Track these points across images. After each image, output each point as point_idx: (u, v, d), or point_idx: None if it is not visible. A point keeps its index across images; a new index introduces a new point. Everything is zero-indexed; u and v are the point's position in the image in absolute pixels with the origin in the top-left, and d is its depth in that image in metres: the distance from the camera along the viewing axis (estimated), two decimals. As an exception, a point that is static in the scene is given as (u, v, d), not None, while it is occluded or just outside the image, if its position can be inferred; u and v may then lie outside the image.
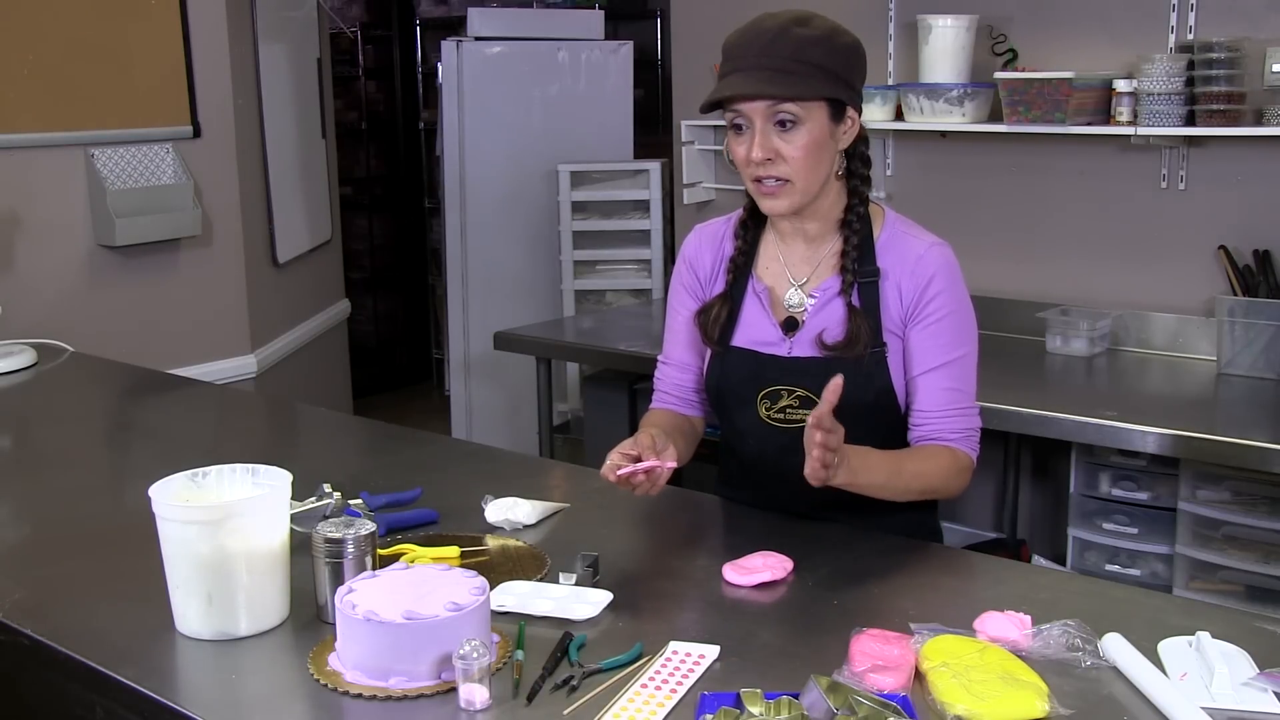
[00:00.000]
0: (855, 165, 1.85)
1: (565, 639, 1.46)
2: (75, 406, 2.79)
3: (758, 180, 1.79)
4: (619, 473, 1.68)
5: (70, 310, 3.52)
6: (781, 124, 1.74)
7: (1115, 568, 2.96)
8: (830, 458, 1.60)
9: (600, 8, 5.78)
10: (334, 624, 1.44)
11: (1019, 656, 1.40)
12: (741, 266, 1.92)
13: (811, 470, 1.60)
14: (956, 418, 1.83)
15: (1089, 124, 3.26)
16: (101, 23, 3.58)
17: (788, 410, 1.86)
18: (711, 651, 1.44)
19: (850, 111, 1.80)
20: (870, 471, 1.72)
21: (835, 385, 1.58)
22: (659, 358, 2.05)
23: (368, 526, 1.55)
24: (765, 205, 1.82)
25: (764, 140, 1.75)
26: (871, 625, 1.46)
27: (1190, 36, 3.18)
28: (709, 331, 1.92)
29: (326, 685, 1.37)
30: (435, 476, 2.08)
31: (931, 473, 1.81)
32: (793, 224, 1.88)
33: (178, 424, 2.65)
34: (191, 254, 3.85)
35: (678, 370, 2.01)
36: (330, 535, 1.52)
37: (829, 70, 1.74)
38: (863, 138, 1.86)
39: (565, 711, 1.32)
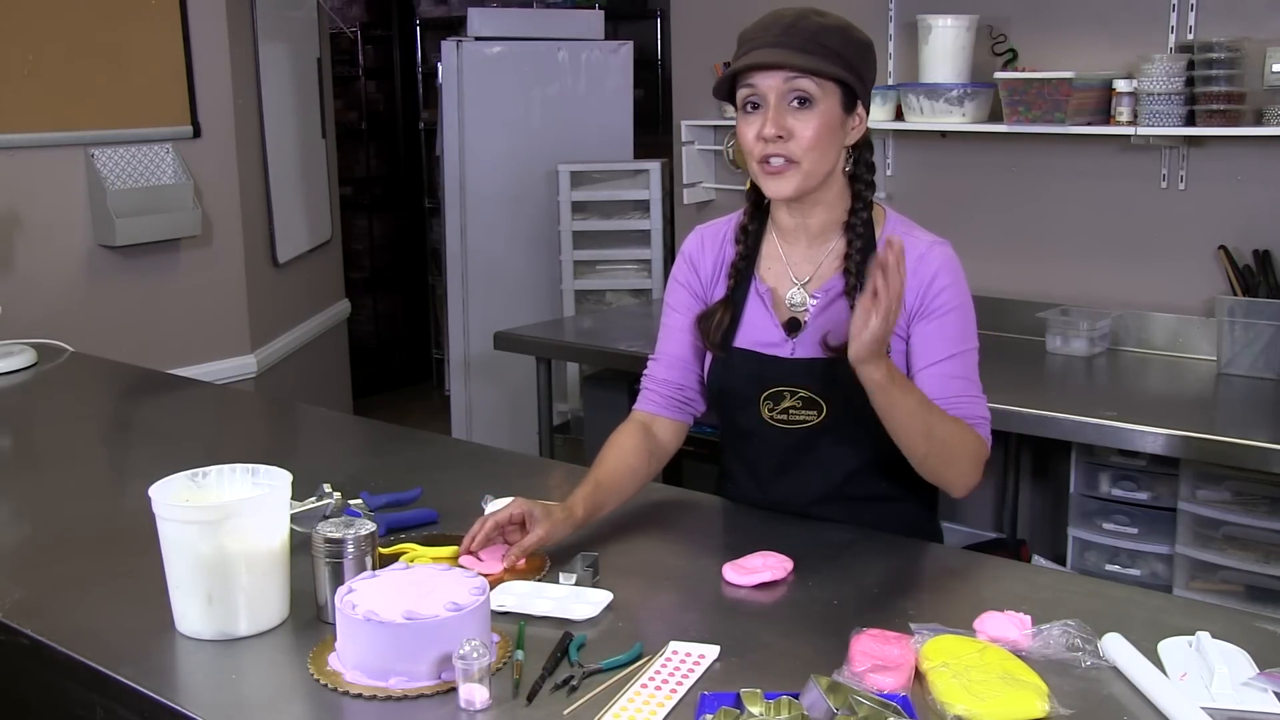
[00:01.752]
0: (860, 170, 1.85)
1: (565, 639, 1.46)
2: (75, 406, 2.79)
3: (764, 161, 1.78)
4: (461, 558, 1.70)
5: (70, 310, 3.52)
6: (796, 102, 1.75)
7: (1115, 568, 2.96)
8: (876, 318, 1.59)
9: (600, 8, 5.78)
10: (334, 624, 1.44)
11: (1019, 656, 1.40)
12: (743, 271, 1.92)
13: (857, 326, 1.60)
14: (969, 405, 1.80)
15: (1089, 124, 3.26)
16: (101, 23, 3.58)
17: (790, 411, 1.85)
18: (711, 651, 1.44)
19: (859, 108, 1.81)
20: (906, 384, 1.70)
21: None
22: (650, 356, 2.02)
23: (368, 526, 1.55)
24: (769, 186, 1.80)
25: (777, 117, 1.75)
26: (871, 625, 1.46)
27: (1190, 36, 3.18)
28: (711, 337, 1.91)
29: (326, 685, 1.37)
30: (435, 476, 2.08)
31: (957, 434, 1.76)
32: (794, 217, 1.87)
33: (178, 424, 2.65)
34: (191, 254, 3.85)
35: (667, 368, 1.98)
36: (330, 535, 1.52)
37: (844, 58, 1.75)
38: (868, 143, 1.86)
39: (565, 711, 1.32)
